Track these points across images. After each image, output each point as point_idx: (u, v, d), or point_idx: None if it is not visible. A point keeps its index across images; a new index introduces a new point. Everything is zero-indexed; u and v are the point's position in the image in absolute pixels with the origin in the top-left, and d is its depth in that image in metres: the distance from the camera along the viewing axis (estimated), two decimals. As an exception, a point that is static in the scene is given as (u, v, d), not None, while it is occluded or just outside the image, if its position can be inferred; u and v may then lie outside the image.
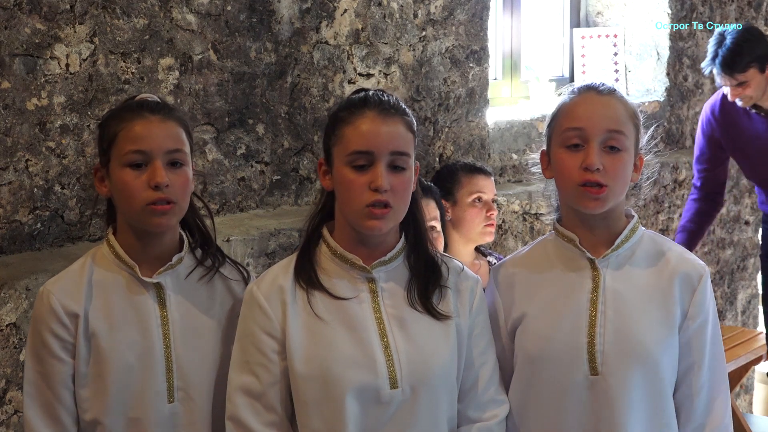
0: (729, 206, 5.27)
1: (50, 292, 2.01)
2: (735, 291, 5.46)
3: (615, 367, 2.04)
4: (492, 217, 3.28)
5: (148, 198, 1.98)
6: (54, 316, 1.99)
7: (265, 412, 1.98)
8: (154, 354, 2.01)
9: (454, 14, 3.64)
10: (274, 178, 3.14)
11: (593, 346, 2.05)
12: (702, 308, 2.08)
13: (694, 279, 2.09)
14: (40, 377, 2.00)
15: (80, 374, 2.00)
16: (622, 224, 2.12)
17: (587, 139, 2.04)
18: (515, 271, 2.18)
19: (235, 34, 2.97)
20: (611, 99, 2.08)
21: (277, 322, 1.99)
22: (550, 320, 2.09)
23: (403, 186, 1.98)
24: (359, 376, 1.95)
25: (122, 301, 2.03)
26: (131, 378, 2.00)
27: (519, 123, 4.03)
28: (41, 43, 2.53)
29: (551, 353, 2.08)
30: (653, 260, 2.11)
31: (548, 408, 2.08)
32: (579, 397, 2.05)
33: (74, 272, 2.06)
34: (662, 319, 2.06)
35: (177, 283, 2.07)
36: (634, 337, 2.04)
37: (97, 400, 2.00)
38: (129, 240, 2.05)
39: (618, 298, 2.07)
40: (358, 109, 1.98)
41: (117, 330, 2.01)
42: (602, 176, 2.02)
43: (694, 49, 4.99)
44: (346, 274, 2.02)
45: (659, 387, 2.06)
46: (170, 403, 2.02)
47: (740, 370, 4.58)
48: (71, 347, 2.00)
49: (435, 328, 2.02)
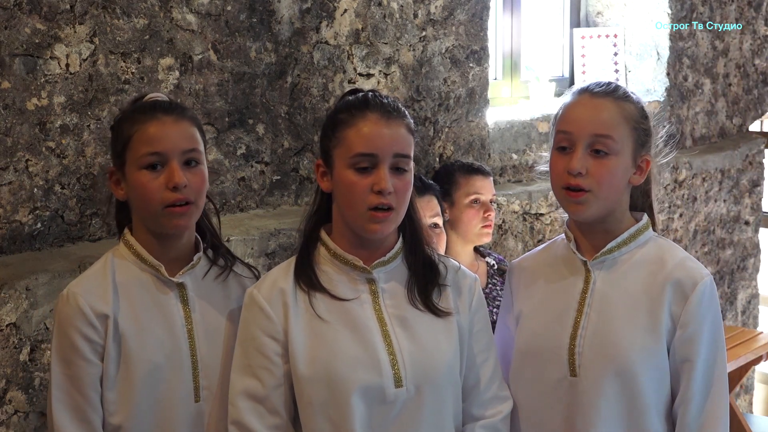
0: (729, 206, 5.27)
1: (77, 294, 1.99)
2: (735, 291, 5.45)
3: (590, 369, 2.03)
4: (489, 218, 3.28)
5: (166, 199, 1.97)
6: (83, 318, 1.97)
7: (269, 416, 1.97)
8: (180, 354, 2.02)
9: (454, 14, 3.64)
10: (274, 178, 3.14)
11: (573, 347, 2.05)
12: (694, 318, 2.01)
13: (687, 286, 2.02)
14: (69, 381, 1.97)
15: (108, 376, 1.98)
16: (623, 227, 2.10)
17: (574, 142, 2.04)
18: (526, 266, 2.22)
19: (235, 34, 2.97)
20: (605, 101, 2.05)
21: (279, 325, 1.98)
22: (542, 318, 2.11)
23: (405, 188, 1.98)
24: (364, 376, 1.95)
25: (148, 302, 2.03)
26: (159, 379, 2.00)
27: (519, 123, 4.03)
28: (41, 43, 2.53)
29: (537, 350, 2.09)
30: (650, 265, 2.07)
31: (532, 403, 2.10)
32: (559, 396, 2.06)
33: (97, 273, 2.05)
34: (647, 325, 2.02)
35: (196, 283, 2.08)
36: (611, 342, 2.02)
37: (125, 402, 1.99)
38: (148, 242, 2.05)
39: (604, 301, 2.06)
40: (359, 111, 1.98)
41: (145, 331, 2.00)
42: (585, 180, 2.01)
43: (694, 49, 4.99)
44: (346, 275, 2.02)
45: (638, 397, 2.01)
46: (197, 402, 2.03)
47: (740, 370, 4.58)
48: (101, 349, 1.98)
49: (437, 326, 2.03)
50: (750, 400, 5.67)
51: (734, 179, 5.24)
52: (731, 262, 5.38)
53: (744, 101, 5.47)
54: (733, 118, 5.41)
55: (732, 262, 5.39)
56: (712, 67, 5.14)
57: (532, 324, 2.12)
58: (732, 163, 5.20)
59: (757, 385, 5.87)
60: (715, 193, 5.13)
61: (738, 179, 5.27)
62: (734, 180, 5.24)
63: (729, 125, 5.38)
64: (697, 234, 5.03)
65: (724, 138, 5.35)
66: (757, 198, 5.53)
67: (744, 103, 5.48)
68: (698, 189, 4.98)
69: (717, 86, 5.20)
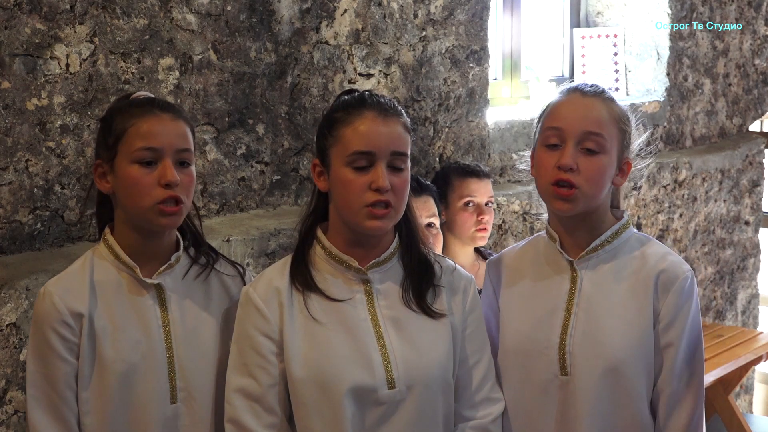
0: (729, 206, 5.27)
1: (53, 293, 1.99)
2: (735, 291, 5.45)
3: (581, 368, 2.04)
4: (483, 221, 3.27)
5: (158, 196, 1.96)
6: (58, 317, 1.97)
7: (265, 414, 1.98)
8: (156, 355, 2.01)
9: (454, 14, 3.64)
10: (274, 178, 3.14)
11: (564, 346, 2.06)
12: (675, 310, 2.04)
13: (669, 280, 2.05)
14: (44, 379, 1.98)
15: (83, 375, 1.98)
16: (605, 226, 2.11)
17: (564, 138, 2.05)
18: (507, 263, 2.22)
19: (235, 34, 2.97)
20: (595, 101, 2.08)
21: (274, 324, 1.99)
22: (528, 317, 2.12)
23: (403, 186, 1.98)
24: (356, 378, 1.95)
25: (123, 302, 2.02)
26: (134, 379, 1.99)
27: (519, 123, 4.03)
28: (41, 43, 2.53)
29: (526, 350, 2.10)
30: (634, 262, 2.09)
31: (523, 403, 2.10)
32: (551, 395, 2.07)
33: (75, 272, 2.05)
34: (635, 322, 2.05)
35: (175, 283, 2.06)
36: (601, 340, 2.04)
37: (99, 402, 1.98)
38: (127, 239, 2.04)
39: (591, 300, 2.07)
40: (356, 110, 1.98)
41: (119, 331, 2.00)
42: (574, 177, 2.02)
43: (694, 49, 4.99)
44: (341, 275, 2.03)
45: (629, 390, 2.04)
46: (173, 404, 2.02)
47: (740, 370, 4.58)
48: (76, 348, 1.98)
49: (430, 328, 2.03)
50: (750, 400, 5.67)
51: (734, 179, 5.24)
52: (731, 262, 5.38)
53: (744, 101, 5.47)
54: (733, 118, 5.41)
55: (732, 262, 5.39)
56: (712, 67, 5.14)
57: (516, 324, 2.13)
58: (732, 163, 5.20)
59: (757, 385, 5.87)
60: (715, 193, 5.13)
61: (738, 179, 5.27)
62: (734, 180, 5.24)
63: (729, 125, 5.38)
64: (697, 234, 5.03)
65: (724, 138, 5.35)
66: (757, 198, 5.53)
67: (744, 103, 5.48)
68: (698, 189, 4.98)
69: (717, 86, 5.20)
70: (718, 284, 5.28)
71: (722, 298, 5.34)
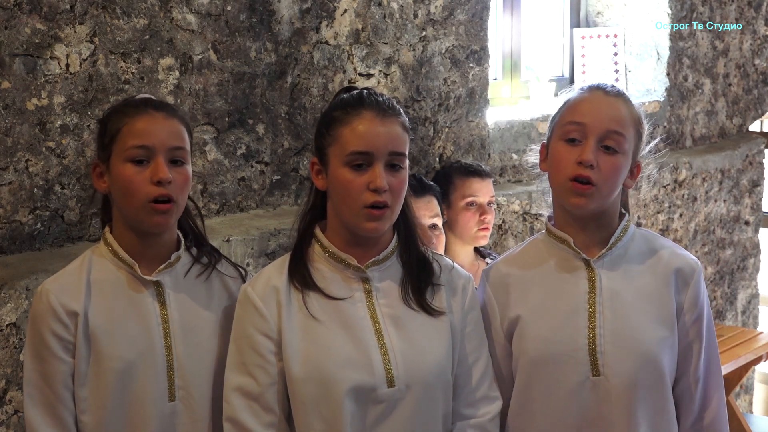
0: (729, 206, 5.27)
1: (49, 291, 2.00)
2: (735, 291, 5.45)
3: (617, 367, 2.04)
4: (485, 221, 3.27)
5: (150, 194, 1.97)
6: (54, 315, 1.98)
7: (264, 413, 1.98)
8: (154, 353, 2.01)
9: (454, 14, 3.64)
10: (274, 178, 3.14)
11: (594, 347, 2.05)
12: (696, 302, 2.11)
13: (687, 274, 2.12)
14: (41, 377, 1.99)
15: (80, 373, 1.99)
16: (615, 224, 2.13)
17: (586, 134, 2.05)
18: (509, 271, 2.17)
19: (235, 34, 2.97)
20: (617, 101, 2.09)
21: (273, 323, 1.99)
22: (548, 322, 2.09)
23: (401, 185, 1.98)
24: (356, 376, 1.95)
25: (122, 300, 2.02)
26: (132, 377, 1.99)
27: (519, 123, 4.03)
28: (41, 43, 2.53)
29: (551, 355, 2.08)
30: (646, 258, 2.12)
31: (551, 409, 2.08)
32: (581, 398, 2.06)
33: (72, 271, 2.05)
34: (660, 316, 2.08)
35: (176, 281, 2.07)
36: (633, 337, 2.05)
37: (97, 400, 1.99)
38: (127, 238, 2.04)
39: (615, 298, 2.08)
40: (354, 109, 1.98)
41: (117, 329, 2.00)
42: (594, 174, 2.02)
43: (694, 49, 4.99)
44: (340, 273, 2.02)
45: (661, 384, 2.07)
46: (171, 402, 2.02)
47: (740, 370, 4.58)
48: (71, 346, 1.99)
49: (430, 326, 2.03)
50: (750, 400, 5.67)
51: (734, 179, 5.24)
52: (731, 262, 5.38)
53: (744, 101, 5.47)
54: (733, 118, 5.41)
55: (732, 262, 5.39)
56: (712, 67, 5.14)
57: (536, 331, 2.09)
58: (732, 163, 5.20)
59: (757, 385, 5.86)
60: (715, 193, 5.13)
61: (738, 179, 5.27)
62: (734, 180, 5.24)
63: (729, 125, 5.38)
64: (697, 234, 5.03)
65: (724, 138, 5.35)
66: (757, 198, 5.53)
67: (744, 103, 5.48)
68: (698, 189, 4.98)
69: (717, 86, 5.20)
70: (718, 284, 5.28)
71: (722, 298, 5.34)
